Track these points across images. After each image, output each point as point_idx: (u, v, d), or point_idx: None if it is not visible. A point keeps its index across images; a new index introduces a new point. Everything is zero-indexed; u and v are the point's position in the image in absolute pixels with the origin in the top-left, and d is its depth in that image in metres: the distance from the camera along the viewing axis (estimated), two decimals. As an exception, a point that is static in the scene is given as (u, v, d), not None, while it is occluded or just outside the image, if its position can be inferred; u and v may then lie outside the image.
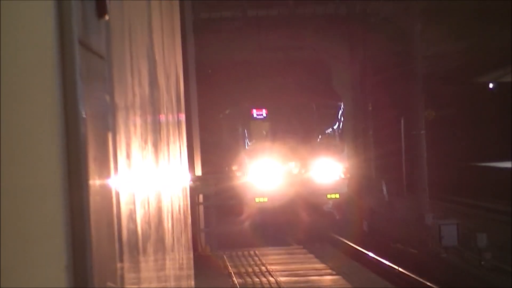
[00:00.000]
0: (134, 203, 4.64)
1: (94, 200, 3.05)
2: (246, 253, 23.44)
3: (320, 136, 41.53)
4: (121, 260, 3.92)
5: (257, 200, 39.21)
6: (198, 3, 36.29)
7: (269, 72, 44.59)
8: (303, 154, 40.13)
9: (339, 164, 40.47)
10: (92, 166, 3.07)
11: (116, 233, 3.77)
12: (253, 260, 21.55)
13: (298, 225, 37.38)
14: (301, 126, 40.78)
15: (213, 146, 44.34)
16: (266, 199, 39.07)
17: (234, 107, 45.08)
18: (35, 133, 2.74)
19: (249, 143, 41.87)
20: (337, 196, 40.02)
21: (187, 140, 10.11)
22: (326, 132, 41.87)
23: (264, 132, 41.67)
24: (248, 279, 17.75)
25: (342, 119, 42.01)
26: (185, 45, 9.41)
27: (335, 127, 42.03)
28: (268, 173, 39.68)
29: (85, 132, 2.93)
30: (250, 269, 19.73)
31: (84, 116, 2.92)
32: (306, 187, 39.46)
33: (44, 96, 2.75)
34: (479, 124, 53.68)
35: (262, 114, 41.20)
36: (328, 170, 40.14)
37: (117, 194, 3.90)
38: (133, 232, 4.52)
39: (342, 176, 40.44)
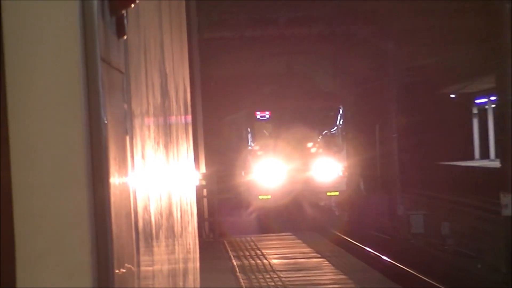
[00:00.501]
0: (148, 197, 4.64)
1: (114, 194, 3.06)
2: (243, 239, 23.41)
3: (320, 137, 39.28)
4: (137, 246, 3.92)
5: (260, 197, 37.28)
6: (203, 24, 36.32)
7: (268, 80, 43.74)
8: (304, 154, 38.21)
9: (338, 163, 38.53)
10: (112, 165, 3.07)
11: (133, 223, 3.77)
12: (250, 245, 21.53)
13: (300, 221, 34.94)
14: (302, 127, 38.31)
15: (218, 147, 44.18)
16: (269, 197, 37.11)
17: (239, 110, 42.68)
18: (65, 136, 2.74)
19: (253, 143, 39.57)
20: (337, 193, 38.25)
21: (193, 142, 10.07)
22: (326, 132, 39.60)
23: (267, 133, 39.27)
24: (245, 261, 17.75)
25: (341, 120, 39.82)
26: (191, 61, 9.42)
27: (334, 128, 39.79)
28: (271, 172, 37.77)
29: (106, 135, 2.93)
30: (247, 253, 19.72)
31: (105, 121, 2.93)
32: (307, 185, 37.57)
33: (72, 105, 2.76)
34: (444, 129, 53.62)
35: (265, 116, 38.98)
36: (328, 169, 38.24)
37: (134, 189, 3.90)
38: (148, 221, 4.52)
39: (341, 174, 38.51)
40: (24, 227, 2.71)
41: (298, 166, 37.39)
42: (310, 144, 38.45)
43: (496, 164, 30.59)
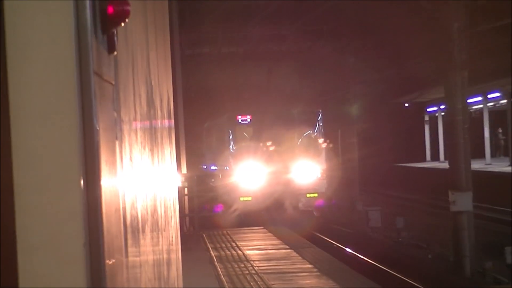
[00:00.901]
0: (135, 195, 4.63)
1: (105, 193, 3.05)
2: (220, 232, 23.41)
3: (300, 140, 36.79)
4: (126, 238, 3.92)
5: (241, 199, 34.54)
6: (184, 42, 36.53)
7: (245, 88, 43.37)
8: (285, 156, 35.58)
9: (318, 165, 36.11)
10: (104, 166, 3.07)
11: (121, 218, 3.77)
12: (226, 238, 21.53)
13: (280, 222, 31.94)
14: (283, 131, 35.84)
15: (200, 150, 44.01)
16: (250, 198, 34.51)
17: (221, 115, 39.80)
18: (61, 141, 2.74)
19: (234, 146, 36.90)
20: (316, 195, 35.55)
21: (175, 146, 10.06)
22: (306, 135, 37.07)
23: (248, 136, 36.94)
24: (222, 252, 17.75)
25: (320, 124, 37.31)
26: (174, 74, 9.46)
27: (314, 131, 37.26)
28: (252, 174, 35.11)
29: (98, 140, 2.94)
30: (223, 245, 19.71)
31: (97, 128, 2.93)
32: (288, 187, 35.11)
33: (68, 112, 2.76)
34: (400, 134, 53.92)
35: (246, 120, 36.51)
36: (308, 171, 35.72)
37: (123, 188, 3.90)
38: (135, 217, 4.51)
39: (320, 176, 36.12)
40: (24, 222, 2.71)
41: (279, 169, 35.12)
42: (290, 147, 36.04)
43: (445, 165, 30.75)
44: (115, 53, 3.60)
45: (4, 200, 2.71)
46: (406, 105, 60.77)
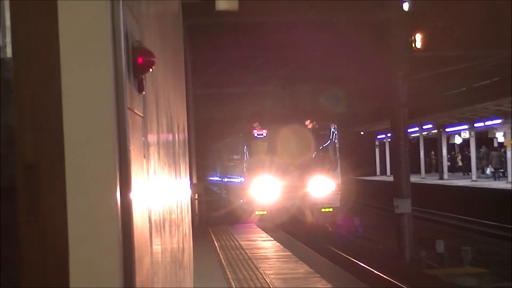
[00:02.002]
0: (158, 199, 4.62)
1: (135, 198, 3.05)
2: (222, 228, 23.33)
3: (315, 154, 29.47)
4: (150, 232, 3.90)
5: (257, 213, 27.96)
6: (196, 84, 36.54)
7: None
8: (300, 171, 28.45)
9: (333, 180, 28.81)
10: (134, 178, 3.06)
11: (147, 217, 3.76)
12: (226, 232, 21.47)
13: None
14: (298, 145, 28.98)
15: (206, 165, 43.57)
16: (265, 212, 27.98)
17: (237, 130, 33.31)
18: (103, 158, 2.74)
19: (250, 160, 29.65)
20: (331, 209, 28.42)
21: (188, 162, 10.05)
22: (321, 150, 29.81)
23: (264, 151, 29.41)
24: (223, 243, 17.73)
25: (335, 139, 30.30)
26: (188, 108, 9.48)
27: (329, 146, 30.11)
28: (267, 188, 28.23)
29: (130, 158, 2.93)
30: (224, 237, 19.66)
31: (130, 149, 2.92)
32: (303, 201, 28.19)
33: (109, 137, 2.76)
34: (357, 154, 53.94)
35: (262, 134, 29.28)
36: (323, 186, 28.52)
37: (149, 194, 3.89)
38: (157, 216, 4.50)
39: (335, 190, 28.88)
40: (74, 220, 2.70)
41: (294, 183, 28.03)
42: (305, 161, 28.83)
43: (391, 178, 30.88)
44: (144, 92, 3.60)
45: (60, 203, 2.71)
46: (362, 133, 61.26)
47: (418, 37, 49.68)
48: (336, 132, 29.94)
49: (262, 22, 33.09)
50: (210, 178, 47.62)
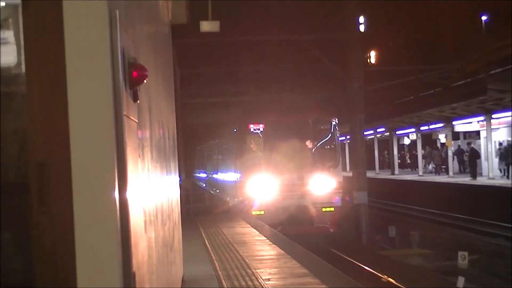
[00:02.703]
0: (152, 193, 4.61)
1: (131, 193, 3.04)
2: (207, 217, 23.17)
3: (315, 150, 23.91)
4: (145, 221, 3.89)
5: (254, 213, 22.77)
6: (184, 94, 36.46)
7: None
8: (299, 168, 22.99)
9: (334, 178, 23.41)
10: (130, 176, 3.06)
11: (142, 208, 3.75)
12: (210, 220, 21.35)
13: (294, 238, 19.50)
14: (297, 140, 23.45)
15: (193, 163, 42.94)
16: (263, 212, 22.75)
17: (231, 124, 27.39)
18: (103, 158, 2.73)
19: (246, 156, 23.94)
20: (332, 209, 23.22)
21: (178, 161, 10.03)
22: (321, 146, 24.21)
23: (260, 146, 23.88)
24: (208, 230, 17.62)
25: (336, 134, 24.60)
26: (177, 115, 9.44)
27: (329, 141, 24.43)
28: (264, 186, 22.93)
29: (127, 158, 2.93)
30: (208, 225, 19.56)
31: (126, 150, 2.92)
32: (302, 200, 22.96)
33: (108, 140, 2.75)
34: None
35: (259, 129, 23.81)
36: (323, 184, 23.15)
37: (143, 189, 3.88)
38: (151, 207, 4.49)
39: (337, 189, 23.49)
40: (80, 212, 2.69)
41: (293, 181, 22.82)
42: (304, 158, 23.39)
43: (350, 174, 30.93)
44: (138, 101, 3.60)
45: (67, 196, 2.70)
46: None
47: (373, 54, 50.03)
48: (337, 127, 24.34)
49: (240, 41, 33.19)
50: (198, 175, 47.18)
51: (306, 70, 41.60)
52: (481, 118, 34.53)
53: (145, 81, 3.45)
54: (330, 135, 24.15)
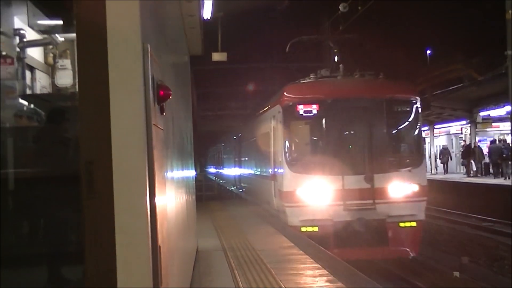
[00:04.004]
0: (175, 184, 4.62)
1: (157, 182, 3.06)
2: (216, 201, 23.04)
3: (390, 142, 12.51)
4: (168, 206, 3.89)
5: (303, 229, 11.73)
6: (199, 109, 36.49)
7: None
8: (368, 167, 11.90)
9: (415, 180, 12.04)
10: (157, 174, 3.08)
11: (166, 196, 3.75)
12: (219, 203, 21.24)
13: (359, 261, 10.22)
14: (364, 128, 12.16)
15: (204, 161, 42.46)
16: (316, 229, 11.72)
17: (271, 105, 14.69)
18: (136, 160, 2.76)
19: (291, 150, 12.37)
20: (414, 224, 11.87)
21: (194, 159, 10.04)
22: (399, 136, 12.77)
23: (313, 136, 12.47)
24: (217, 213, 17.42)
25: (419, 120, 12.68)
26: (194, 125, 9.33)
27: (409, 129, 12.68)
28: (318, 193, 11.79)
29: (154, 156, 2.95)
30: (217, 208, 19.45)
31: (154, 150, 2.95)
32: (371, 212, 11.78)
33: (141, 144, 2.77)
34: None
35: (311, 111, 12.11)
36: (401, 189, 11.87)
37: (167, 181, 3.89)
38: (173, 195, 4.49)
39: (418, 194, 12.05)
40: (119, 211, 2.72)
41: (359, 185, 11.89)
42: (376, 153, 12.08)
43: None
44: (164, 113, 3.62)
45: (108, 186, 2.72)
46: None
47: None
48: (420, 110, 12.98)
49: (242, 67, 33.31)
50: (209, 169, 46.49)
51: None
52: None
53: (169, 98, 3.48)
54: (410, 120, 12.89)
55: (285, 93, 13.03)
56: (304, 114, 12.46)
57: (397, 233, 12.18)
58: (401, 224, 12.17)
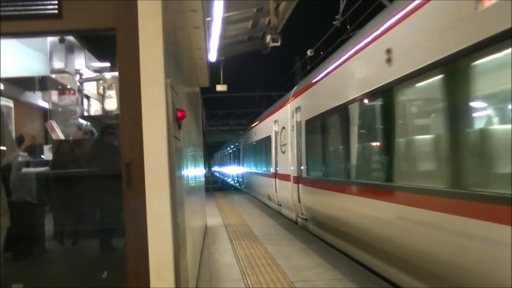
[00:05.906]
0: (188, 179, 4.62)
1: (177, 177, 3.07)
2: (221, 192, 22.75)
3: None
4: (185, 194, 3.89)
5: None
6: (207, 123, 36.09)
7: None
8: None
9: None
10: (176, 171, 3.09)
11: (183, 187, 3.75)
12: (223, 194, 21.02)
13: None
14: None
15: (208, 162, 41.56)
16: None
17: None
18: (162, 159, 2.76)
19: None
20: None
21: (204, 161, 9.94)
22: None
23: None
24: (221, 199, 17.28)
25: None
26: (203, 137, 9.23)
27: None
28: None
29: (173, 159, 2.96)
30: (222, 195, 19.18)
31: (174, 155, 2.95)
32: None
33: (164, 152, 2.77)
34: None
35: None
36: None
37: (184, 177, 3.89)
38: (188, 186, 4.48)
39: None
40: (151, 207, 2.71)
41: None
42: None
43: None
44: (181, 128, 3.64)
45: (141, 181, 2.73)
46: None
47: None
48: None
49: (238, 96, 33.34)
50: (213, 168, 45.88)
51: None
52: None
53: (184, 118, 3.51)
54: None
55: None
56: None
57: None
58: None
